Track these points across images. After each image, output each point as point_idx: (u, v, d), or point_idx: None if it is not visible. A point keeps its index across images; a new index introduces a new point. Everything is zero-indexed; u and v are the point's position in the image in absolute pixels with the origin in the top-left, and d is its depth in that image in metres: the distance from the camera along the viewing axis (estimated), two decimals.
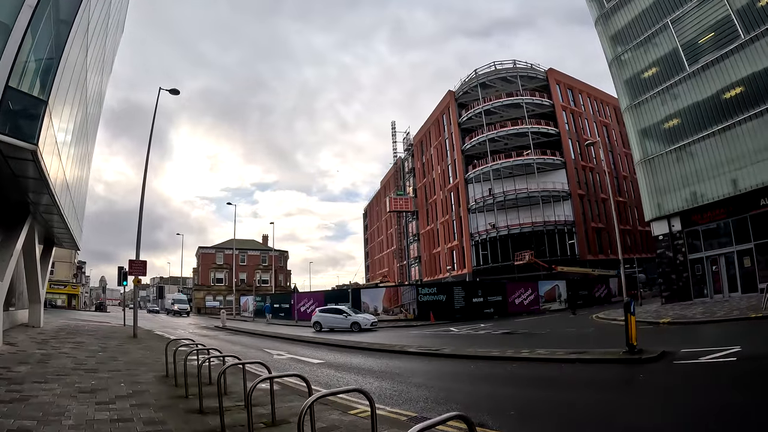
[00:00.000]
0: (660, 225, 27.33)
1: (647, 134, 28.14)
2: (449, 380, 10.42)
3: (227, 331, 30.08)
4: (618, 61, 29.62)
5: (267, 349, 17.36)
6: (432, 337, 21.18)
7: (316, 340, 21.04)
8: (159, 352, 13.67)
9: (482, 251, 49.90)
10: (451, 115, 54.23)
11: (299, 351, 16.53)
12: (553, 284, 37.99)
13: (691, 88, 25.43)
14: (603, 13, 30.48)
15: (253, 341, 21.69)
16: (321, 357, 14.62)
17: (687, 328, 16.83)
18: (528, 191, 47.09)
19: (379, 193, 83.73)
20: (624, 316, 11.36)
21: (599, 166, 50.17)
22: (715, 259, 24.81)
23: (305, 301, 41.19)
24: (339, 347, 17.97)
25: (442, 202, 56.96)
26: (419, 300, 33.74)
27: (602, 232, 48.43)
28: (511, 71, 50.79)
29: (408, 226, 67.27)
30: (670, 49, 26.43)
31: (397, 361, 13.60)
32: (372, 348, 16.65)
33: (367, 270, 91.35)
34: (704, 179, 24.99)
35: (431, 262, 59.67)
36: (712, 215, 24.78)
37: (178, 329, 30.92)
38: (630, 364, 10.28)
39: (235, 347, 17.83)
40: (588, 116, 51.86)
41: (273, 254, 64.92)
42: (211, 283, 70.78)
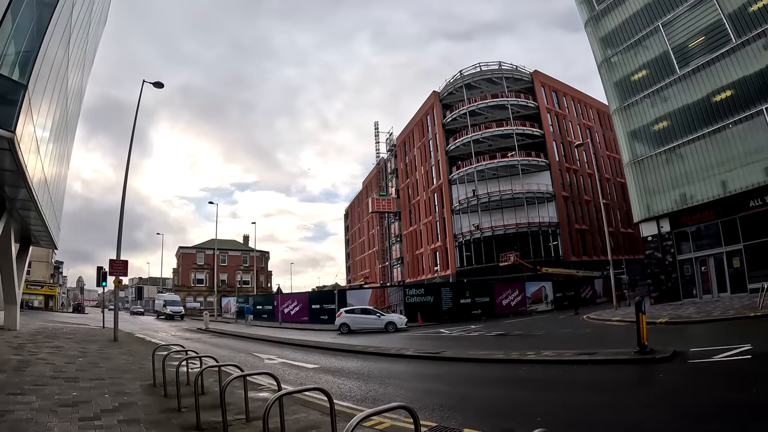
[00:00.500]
0: (649, 226, 27.58)
1: (637, 136, 28.40)
2: (458, 385, 10.02)
3: (211, 333, 29.18)
4: (608, 64, 29.86)
5: (256, 353, 16.65)
6: (425, 340, 20.84)
7: (305, 342, 20.34)
8: (143, 357, 13.15)
9: (466, 252, 49.92)
10: (436, 116, 54.17)
11: (290, 355, 15.83)
12: (540, 285, 38.13)
13: (682, 91, 25.72)
14: (593, 15, 30.70)
15: (239, 344, 20.91)
16: (314, 361, 14.07)
17: (686, 327, 16.84)
18: (512, 192, 47.26)
19: (360, 193, 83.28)
20: (635, 315, 11.15)
21: (583, 168, 50.78)
22: (704, 260, 25.12)
23: (289, 302, 40.48)
24: (331, 350, 17.42)
25: (426, 203, 56.83)
26: (406, 301, 33.37)
27: (585, 233, 48.98)
28: (497, 72, 51.00)
29: (390, 227, 66.98)
30: (660, 52, 26.70)
31: (396, 364, 13.24)
32: (367, 351, 16.14)
33: (348, 271, 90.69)
34: (694, 181, 25.27)
35: (414, 263, 59.48)
36: (701, 216, 25.08)
37: (159, 332, 29.92)
38: (645, 364, 10.08)
39: (222, 351, 17.06)
40: (572, 119, 52.41)
41: (254, 255, 63.89)
42: (192, 284, 69.43)
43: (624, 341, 15.21)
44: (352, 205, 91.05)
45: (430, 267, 55.31)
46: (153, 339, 22.67)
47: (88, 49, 22.92)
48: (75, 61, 18.65)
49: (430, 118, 55.97)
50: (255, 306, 44.84)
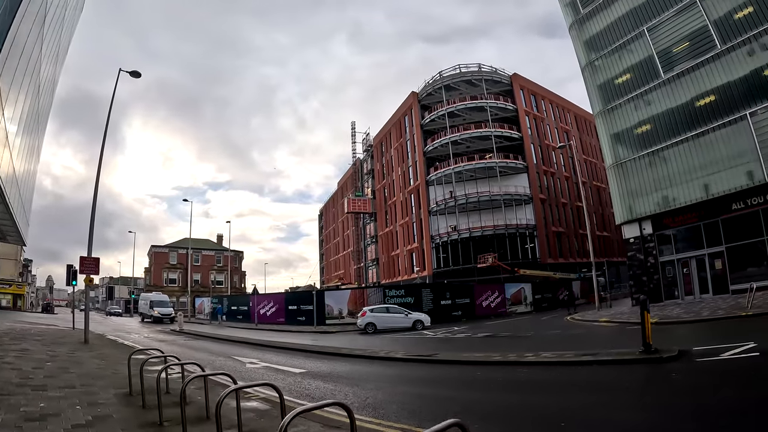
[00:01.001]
0: (631, 228, 27.82)
1: (620, 139, 28.67)
2: (462, 389, 9.50)
3: (186, 335, 27.98)
4: (591, 66, 30.09)
5: (236, 356, 15.82)
6: (411, 342, 20.36)
7: (286, 345, 19.48)
8: (116, 362, 12.35)
9: (443, 254, 49.84)
10: (414, 117, 53.96)
11: (272, 358, 15.06)
12: (519, 287, 38.20)
13: (666, 95, 26.05)
14: (578, 18, 30.92)
15: (217, 347, 19.86)
16: (299, 365, 13.30)
17: (678, 327, 16.90)
18: (490, 194, 47.41)
19: (336, 194, 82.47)
20: (640, 314, 11.14)
21: (560, 171, 51.40)
22: (686, 262, 25.47)
23: (265, 303, 39.42)
24: (315, 353, 16.59)
25: (402, 203, 56.53)
26: (386, 303, 32.91)
27: (562, 236, 49.53)
28: (476, 74, 51.13)
29: (366, 227, 66.45)
30: (645, 56, 27.01)
31: (389, 368, 12.80)
32: (353, 354, 15.51)
33: (322, 272, 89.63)
34: (676, 184, 25.60)
35: (390, 264, 59.08)
36: (683, 219, 25.43)
37: (131, 333, 28.60)
38: (653, 363, 9.88)
39: (199, 354, 16.13)
40: (550, 122, 53.03)
41: (228, 255, 62.41)
42: (164, 284, 67.43)
43: (621, 341, 15.22)
44: (326, 205, 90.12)
45: (406, 268, 54.99)
46: (126, 341, 21.55)
47: (62, 40, 21.81)
48: (48, 52, 17.71)
49: (408, 119, 55.72)
50: (230, 307, 43.56)
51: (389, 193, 60.25)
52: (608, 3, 29.04)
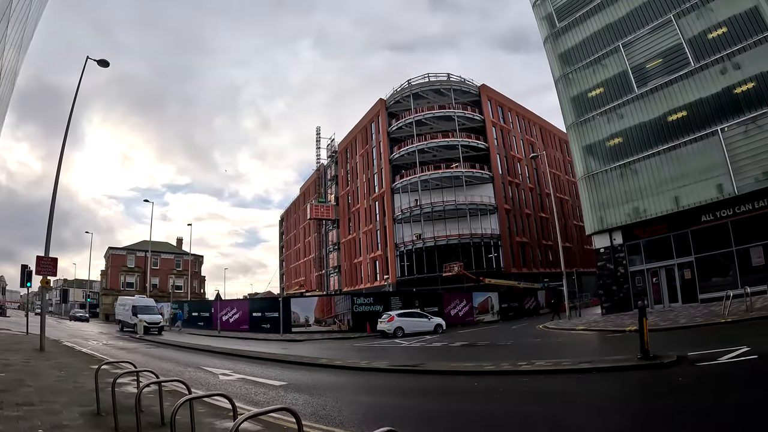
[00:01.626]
0: (601, 238, 28.26)
1: (591, 151, 29.13)
2: (464, 401, 8.94)
3: (147, 342, 26.39)
4: (565, 79, 30.55)
5: (206, 367, 14.61)
6: (389, 351, 19.75)
7: (258, 354, 18.45)
8: (77, 373, 11.40)
9: (407, 262, 49.47)
10: (381, 124, 53.59)
11: (245, 369, 14.05)
12: (486, 296, 38.25)
13: (638, 109, 26.68)
14: (553, 32, 31.39)
15: (183, 356, 18.59)
16: (277, 377, 12.31)
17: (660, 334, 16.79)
18: (456, 203, 47.48)
19: (298, 199, 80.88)
20: (638, 320, 11.01)
21: (524, 183, 52.18)
22: (655, 272, 26.00)
23: (228, 309, 37.80)
24: (291, 363, 15.64)
25: (366, 211, 55.90)
26: (354, 310, 32.34)
27: (526, 246, 50.15)
28: (445, 84, 51.37)
29: (328, 234, 65.37)
30: (619, 71, 27.62)
31: (376, 379, 12.34)
32: (333, 365, 14.66)
33: (282, 278, 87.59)
34: (647, 195, 26.18)
35: (352, 272, 58.20)
36: (653, 230, 25.98)
37: (89, 340, 26.70)
38: (655, 369, 9.79)
39: (165, 364, 15.13)
40: (516, 134, 53.86)
41: (188, 259, 59.89)
42: (121, 288, 64.24)
43: (609, 349, 15.19)
44: (288, 211, 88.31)
45: (368, 276, 54.27)
46: (84, 348, 20.15)
47: (27, 27, 20.24)
48: (12, 38, 16.33)
49: (375, 126, 55.29)
50: (190, 313, 41.68)
51: (353, 200, 59.51)
52: (584, 18, 29.63)
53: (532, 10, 33.57)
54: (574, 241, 56.68)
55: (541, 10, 32.50)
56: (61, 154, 18.50)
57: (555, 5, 31.36)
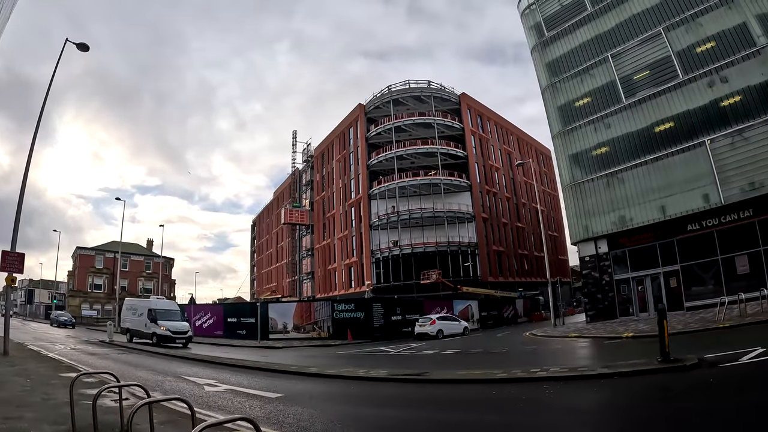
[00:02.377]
0: (586, 246, 28.32)
1: (577, 160, 29.31)
2: (485, 411, 8.17)
3: (118, 348, 24.57)
4: (552, 88, 30.76)
5: (187, 376, 13.31)
6: (378, 359, 18.80)
7: (239, 362, 16.98)
8: (45, 382, 10.24)
9: (383, 269, 48.89)
10: (360, 129, 53.05)
11: (231, 379, 12.83)
12: (467, 304, 37.91)
13: (626, 119, 27.02)
14: (541, 41, 31.63)
15: (160, 364, 17.03)
16: (269, 387, 11.16)
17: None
18: (434, 211, 47.22)
19: (271, 203, 79.26)
20: (658, 323, 10.55)
21: (501, 192, 52.44)
22: (641, 280, 26.19)
23: (202, 314, 36.17)
24: (279, 373, 14.26)
25: (342, 216, 55.10)
26: (334, 317, 31.21)
27: (502, 255, 50.28)
28: (425, 91, 51.32)
29: (302, 240, 64.15)
30: (607, 81, 27.97)
31: (380, 388, 11.44)
32: (325, 374, 13.53)
33: (252, 284, 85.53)
34: (633, 204, 26.44)
35: (326, 279, 57.14)
36: (639, 238, 26.19)
37: (56, 344, 24.80)
38: (678, 372, 9.41)
39: (142, 373, 13.83)
40: (494, 143, 54.20)
41: (159, 261, 57.50)
42: (89, 290, 61.47)
43: (615, 354, 14.75)
44: (260, 215, 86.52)
45: (343, 282, 53.37)
46: (51, 353, 18.43)
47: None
48: None
49: (353, 131, 54.69)
50: None
51: (328, 206, 58.60)
52: (573, 28, 29.96)
53: (520, 20, 33.82)
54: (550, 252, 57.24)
55: (530, 20, 32.77)
56: (33, 142, 17.12)
57: (544, 15, 31.64)
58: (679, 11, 25.72)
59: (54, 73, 17.90)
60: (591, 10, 29.37)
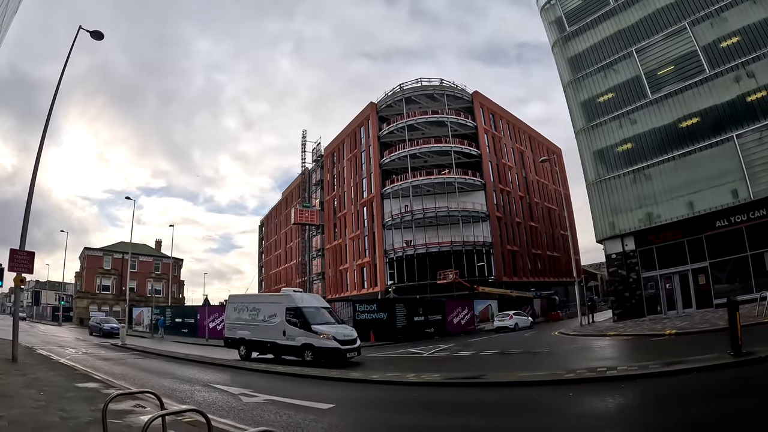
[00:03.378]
0: (612, 244, 28.43)
1: (602, 156, 29.45)
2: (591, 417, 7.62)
3: (131, 351, 24.00)
4: (575, 84, 30.92)
5: (216, 384, 12.48)
6: (418, 362, 18.30)
7: (272, 369, 15.86)
8: (61, 394, 9.32)
9: (397, 269, 48.93)
10: (371, 128, 53.16)
11: (264, 386, 11.96)
12: (486, 304, 38.07)
13: (651, 115, 27.14)
14: (563, 36, 31.81)
15: (181, 370, 16.07)
16: (314, 396, 10.26)
17: (705, 336, 16.90)
18: (448, 210, 47.29)
19: (279, 204, 79.41)
20: (729, 315, 10.57)
21: (515, 191, 52.58)
22: (669, 277, 26.28)
23: (215, 316, 35.93)
24: (317, 379, 13.42)
25: (353, 216, 55.22)
26: (356, 318, 30.54)
27: (516, 255, 50.39)
28: (438, 89, 51.47)
29: (311, 240, 64.28)
30: (632, 76, 28.10)
31: (437, 393, 10.86)
32: (372, 380, 12.65)
33: (260, 285, 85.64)
34: (660, 201, 26.56)
35: (337, 279, 57.24)
36: (667, 235, 26.30)
37: (66, 347, 24.50)
38: (755, 364, 9.44)
39: (165, 381, 13.04)
40: (506, 142, 54.35)
41: (168, 262, 57.54)
42: (97, 291, 61.40)
43: (671, 351, 14.09)
44: (268, 216, 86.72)
45: (355, 283, 53.45)
46: (62, 359, 17.86)
47: (5, 18, 18.91)
48: None
49: (364, 130, 54.82)
50: (173, 319, 39.66)
51: (339, 206, 58.72)
52: (596, 23, 30.13)
53: (540, 15, 34.01)
54: (561, 251, 57.44)
55: (550, 14, 32.93)
56: (43, 135, 16.16)
57: (565, 10, 31.81)
58: (704, 6, 25.85)
59: (66, 62, 17.36)
60: (614, 5, 29.53)
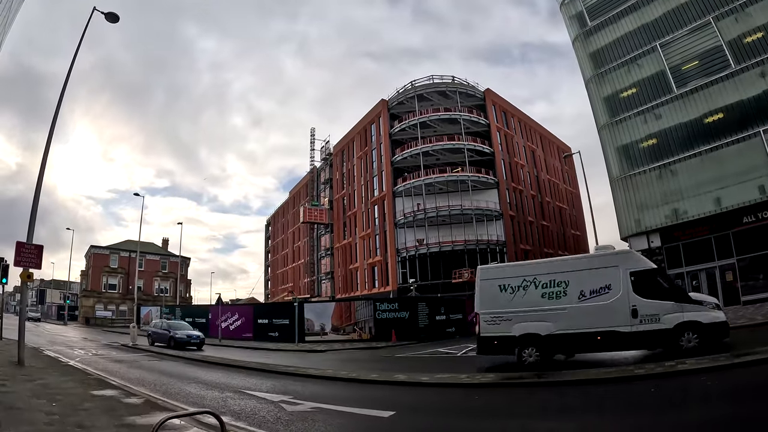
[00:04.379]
0: (638, 241, 28.64)
1: (627, 151, 29.69)
2: None
3: (144, 352, 22.99)
4: (598, 79, 31.18)
5: (248, 390, 11.30)
6: (455, 362, 17.44)
7: (302, 371, 14.76)
8: (76, 405, 8.32)
9: (409, 268, 48.97)
10: (383, 125, 53.23)
11: (303, 391, 11.13)
12: None
13: (677, 110, 27.41)
14: (584, 31, 32.08)
15: (204, 373, 14.89)
16: (362, 400, 9.63)
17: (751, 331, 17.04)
18: (462, 208, 47.37)
19: (286, 203, 79.45)
20: None
21: (527, 189, 52.78)
22: (695, 274, 26.53)
23: (229, 314, 35.93)
24: (362, 383, 12.39)
25: (363, 215, 55.34)
26: (377, 317, 30.32)
27: (529, 254, 50.47)
28: (450, 86, 51.55)
29: (320, 239, 64.36)
30: (657, 71, 28.39)
31: (507, 396, 10.14)
32: (422, 382, 11.66)
33: (266, 284, 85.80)
34: (687, 197, 26.84)
35: (346, 278, 57.31)
36: (694, 232, 26.56)
37: (74, 348, 23.77)
38: None
39: (191, 388, 11.85)
40: (518, 140, 54.53)
41: (176, 260, 57.62)
42: (103, 290, 61.22)
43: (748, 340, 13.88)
44: (275, 215, 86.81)
45: (366, 282, 53.49)
46: (71, 360, 16.65)
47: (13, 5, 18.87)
48: None
49: (375, 127, 54.91)
50: (183, 318, 39.69)
51: (349, 204, 58.80)
52: (618, 17, 30.40)
53: (560, 9, 34.26)
54: (573, 251, 57.62)
55: (570, 9, 33.20)
56: (54, 122, 15.63)
57: (586, 4, 32.09)
58: (728, 1, 26.13)
59: (78, 46, 16.54)
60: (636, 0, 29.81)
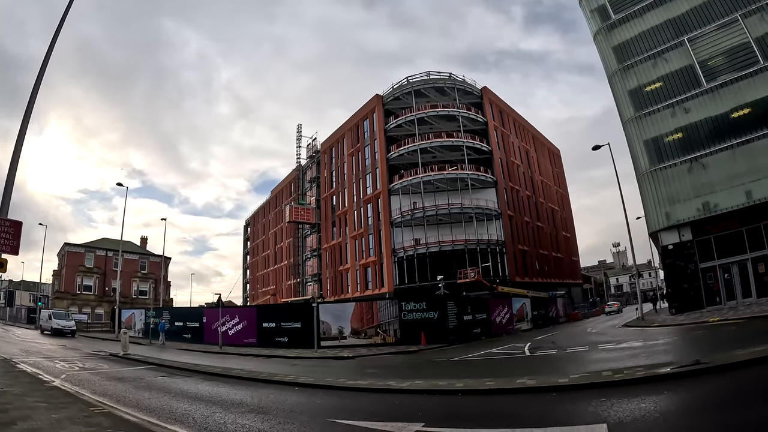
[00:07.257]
0: (669, 235, 29.31)
1: (655, 145, 30.35)
2: None
3: (143, 364, 18.89)
4: (622, 72, 31.90)
5: (350, 420, 7.91)
6: (525, 362, 16.21)
7: (344, 384, 11.93)
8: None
9: (407, 269, 48.57)
10: (377, 121, 52.76)
11: (356, 407, 9.39)
12: (522, 302, 38.14)
13: (706, 103, 28.27)
14: (606, 24, 32.82)
15: (222, 391, 11.76)
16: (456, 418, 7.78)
17: None
18: (461, 207, 47.44)
19: (267, 203, 77.48)
20: None
21: (523, 190, 53.60)
22: (727, 267, 27.36)
23: (228, 318, 33.18)
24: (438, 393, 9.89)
25: (355, 214, 54.65)
26: (402, 318, 28.83)
27: (527, 254, 51.23)
28: (448, 82, 51.77)
29: (306, 240, 63.18)
30: (685, 65, 29.21)
31: None
32: (519, 388, 9.59)
33: (245, 287, 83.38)
34: (718, 190, 27.66)
35: (335, 280, 56.32)
36: (725, 225, 27.39)
37: (55, 360, 19.53)
38: None
39: (216, 415, 8.59)
40: (513, 140, 55.35)
41: (155, 260, 55.02)
42: (77, 291, 57.82)
43: None
44: (255, 216, 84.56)
45: (358, 284, 52.72)
46: (56, 380, 12.87)
47: None
48: None
49: (368, 123, 54.37)
50: (173, 322, 37.37)
51: (338, 203, 57.90)
52: (642, 11, 31.25)
53: (579, 5, 34.99)
54: (564, 252, 58.89)
55: (592, 2, 33.91)
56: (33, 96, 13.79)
57: None
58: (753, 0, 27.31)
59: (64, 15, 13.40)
60: None
